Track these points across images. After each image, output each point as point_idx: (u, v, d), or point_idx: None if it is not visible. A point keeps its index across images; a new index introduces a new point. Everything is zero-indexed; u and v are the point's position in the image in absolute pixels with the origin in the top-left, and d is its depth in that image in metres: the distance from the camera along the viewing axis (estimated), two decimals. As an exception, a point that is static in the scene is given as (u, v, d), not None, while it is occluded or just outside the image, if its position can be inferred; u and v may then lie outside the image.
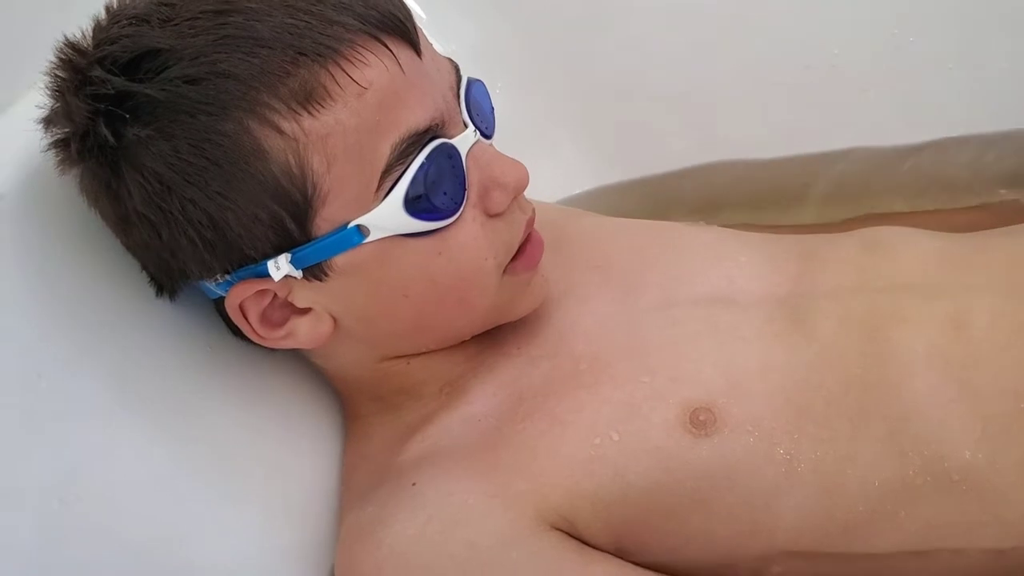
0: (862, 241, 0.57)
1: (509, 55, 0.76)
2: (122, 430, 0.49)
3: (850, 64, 0.74)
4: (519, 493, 0.48)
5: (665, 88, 0.76)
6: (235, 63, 0.44)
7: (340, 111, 0.44)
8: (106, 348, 0.51)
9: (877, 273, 0.54)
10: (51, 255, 0.51)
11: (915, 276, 0.54)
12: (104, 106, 0.45)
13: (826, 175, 0.76)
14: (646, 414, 0.49)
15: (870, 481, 0.48)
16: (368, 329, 0.52)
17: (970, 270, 0.54)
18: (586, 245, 0.60)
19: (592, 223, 0.64)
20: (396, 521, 0.48)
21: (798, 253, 0.57)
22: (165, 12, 0.46)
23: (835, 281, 0.54)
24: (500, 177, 0.49)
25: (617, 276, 0.57)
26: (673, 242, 0.59)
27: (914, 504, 0.47)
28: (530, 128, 0.71)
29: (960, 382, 0.49)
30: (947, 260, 0.54)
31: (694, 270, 0.56)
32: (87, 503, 0.46)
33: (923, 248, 0.56)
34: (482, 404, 0.53)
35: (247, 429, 0.54)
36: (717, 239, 0.60)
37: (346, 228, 0.46)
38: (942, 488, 0.47)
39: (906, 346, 0.50)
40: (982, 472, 0.47)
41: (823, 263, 0.55)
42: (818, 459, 0.48)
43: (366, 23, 0.45)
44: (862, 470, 0.48)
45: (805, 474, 0.48)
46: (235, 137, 0.44)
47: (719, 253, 0.58)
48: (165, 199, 0.45)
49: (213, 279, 0.49)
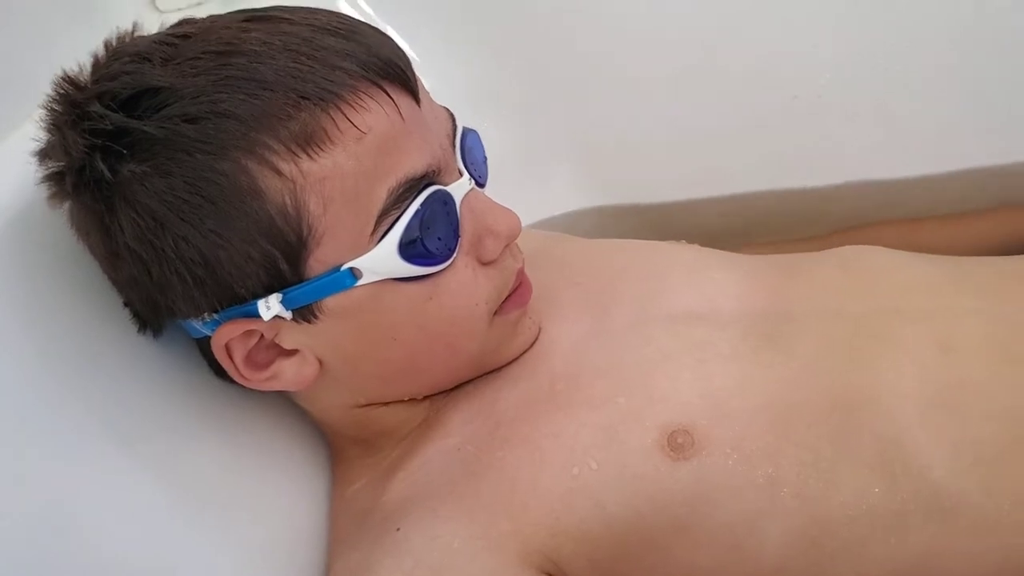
0: (843, 261, 0.57)
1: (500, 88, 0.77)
2: (108, 467, 0.48)
3: (839, 95, 0.75)
4: (502, 535, 0.47)
5: (656, 121, 0.77)
6: (236, 104, 0.44)
7: (339, 155, 0.45)
8: (91, 385, 0.50)
9: (859, 294, 0.54)
10: (38, 290, 0.50)
11: (899, 299, 0.53)
12: (101, 141, 0.45)
13: (819, 208, 0.77)
14: (623, 438, 0.48)
15: (857, 506, 0.47)
16: (353, 372, 0.51)
17: (957, 294, 0.53)
18: (565, 265, 0.60)
19: (573, 245, 0.64)
20: (382, 568, 0.47)
21: (776, 271, 0.57)
22: (167, 51, 0.46)
23: (815, 300, 0.54)
24: (493, 225, 0.50)
25: (594, 295, 0.56)
26: (651, 260, 0.59)
27: (905, 531, 0.46)
28: (517, 156, 0.72)
29: (949, 407, 0.48)
30: (933, 283, 0.54)
31: (670, 287, 0.56)
32: (73, 539, 0.45)
33: (908, 270, 0.56)
34: (459, 433, 0.52)
35: (232, 470, 0.53)
36: (694, 257, 0.60)
37: (339, 270, 0.46)
38: (934, 515, 0.46)
39: (892, 369, 0.49)
40: (975, 498, 0.46)
41: (802, 281, 0.55)
42: (800, 482, 0.47)
43: (368, 70, 0.46)
44: (847, 495, 0.47)
45: (787, 498, 0.47)
46: (232, 176, 0.44)
47: (695, 270, 0.57)
48: (158, 235, 0.45)
49: (200, 318, 0.48)
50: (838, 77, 0.74)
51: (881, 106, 0.75)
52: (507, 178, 0.56)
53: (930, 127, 0.74)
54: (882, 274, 0.55)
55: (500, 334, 0.52)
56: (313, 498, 0.56)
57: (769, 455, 0.48)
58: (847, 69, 0.74)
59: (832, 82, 0.74)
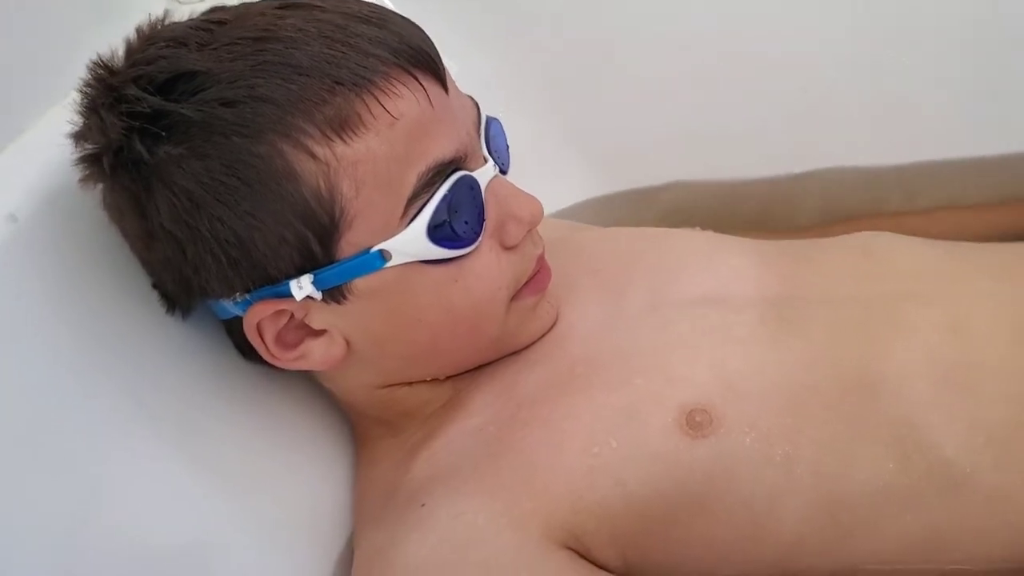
0: (856, 246, 0.58)
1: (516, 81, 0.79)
2: (139, 446, 0.49)
3: (844, 86, 0.76)
4: (525, 512, 0.48)
5: (667, 113, 0.79)
6: (273, 88, 0.45)
7: (372, 139, 0.46)
8: (121, 367, 0.51)
9: (872, 279, 0.55)
10: (64, 276, 0.51)
11: (912, 283, 0.55)
12: (139, 123, 0.46)
13: (830, 194, 0.79)
14: (643, 418, 0.50)
15: (872, 484, 0.48)
16: (380, 353, 0.52)
17: (968, 278, 0.55)
18: (583, 252, 0.61)
19: (590, 233, 0.66)
20: (409, 542, 0.48)
21: (791, 257, 0.58)
22: (203, 37, 0.47)
23: (828, 285, 0.55)
24: (516, 210, 0.51)
25: (611, 280, 0.58)
26: (666, 246, 0.61)
27: (919, 509, 0.48)
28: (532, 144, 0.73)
29: (961, 388, 0.49)
30: (944, 267, 0.56)
31: (686, 272, 0.57)
32: (109, 516, 0.46)
33: (919, 255, 0.57)
34: (481, 414, 0.53)
35: (258, 450, 0.54)
36: (709, 242, 0.61)
37: (369, 252, 0.48)
38: (947, 493, 0.48)
39: (904, 351, 0.51)
40: (988, 476, 0.47)
41: (816, 267, 0.57)
42: (817, 461, 0.48)
43: (399, 57, 0.47)
44: (864, 473, 0.48)
45: (804, 476, 0.48)
46: (268, 159, 0.45)
47: (710, 255, 0.59)
48: (194, 216, 0.46)
49: (232, 297, 0.49)
50: (845, 69, 0.76)
51: (887, 94, 0.76)
52: (522, 169, 0.58)
53: (937, 114, 0.76)
54: (895, 259, 0.57)
55: (519, 317, 0.54)
56: (337, 478, 0.57)
57: (786, 434, 0.49)
58: (855, 61, 0.76)
59: (841, 73, 0.76)
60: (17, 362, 0.47)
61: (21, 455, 0.45)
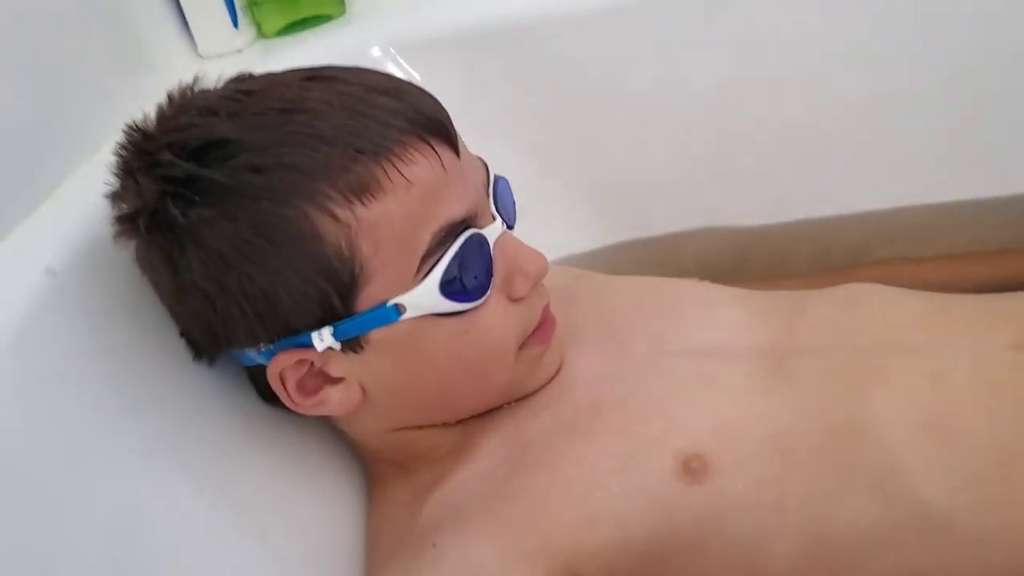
0: (845, 298, 0.61)
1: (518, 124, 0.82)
2: (166, 484, 0.52)
3: (841, 133, 0.79)
4: (530, 552, 0.52)
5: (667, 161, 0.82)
6: (299, 157, 0.49)
7: (390, 202, 0.49)
8: (150, 411, 0.54)
9: (858, 330, 0.58)
10: (99, 326, 0.54)
11: (896, 334, 0.58)
12: (173, 188, 0.49)
13: (823, 241, 0.82)
14: (642, 464, 0.53)
15: (856, 526, 0.50)
16: (394, 399, 0.56)
17: (949, 330, 0.58)
18: (586, 302, 0.65)
19: (593, 282, 0.69)
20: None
21: (782, 308, 0.61)
22: (233, 106, 0.51)
23: (818, 336, 0.58)
24: (524, 265, 0.55)
25: (613, 329, 0.61)
26: (664, 296, 0.64)
27: (901, 549, 0.50)
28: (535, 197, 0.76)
29: (939, 435, 0.52)
30: (927, 320, 0.59)
31: (685, 322, 0.61)
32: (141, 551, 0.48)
33: (904, 307, 0.60)
34: (490, 458, 0.56)
35: (276, 490, 0.57)
36: (705, 293, 0.65)
37: (385, 306, 0.51)
38: (928, 534, 0.50)
39: (886, 399, 0.53)
40: (965, 519, 0.50)
41: (806, 319, 0.60)
42: (805, 504, 0.51)
43: (416, 127, 0.50)
44: (848, 514, 0.51)
45: (793, 518, 0.51)
46: (295, 221, 0.49)
47: (708, 306, 0.62)
48: (224, 274, 0.49)
49: (256, 348, 0.52)
50: (840, 115, 0.79)
51: (882, 138, 0.79)
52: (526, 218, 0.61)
53: (929, 157, 0.79)
54: (880, 311, 0.60)
55: (527, 366, 0.57)
56: (351, 517, 0.59)
57: (775, 480, 0.52)
58: (850, 107, 0.79)
59: (835, 119, 0.79)
60: (57, 405, 0.50)
61: (58, 492, 0.47)
